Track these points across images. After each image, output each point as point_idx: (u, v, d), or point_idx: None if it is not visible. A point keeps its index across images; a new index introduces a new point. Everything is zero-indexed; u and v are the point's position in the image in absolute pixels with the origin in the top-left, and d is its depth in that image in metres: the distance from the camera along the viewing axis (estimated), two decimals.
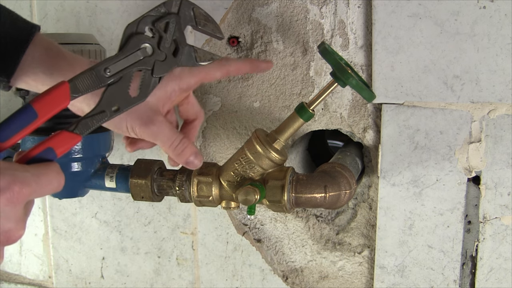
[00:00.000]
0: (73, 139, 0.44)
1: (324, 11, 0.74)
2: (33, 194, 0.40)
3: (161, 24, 0.48)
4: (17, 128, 0.41)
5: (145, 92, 0.48)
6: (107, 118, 0.46)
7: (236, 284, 0.91)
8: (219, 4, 0.79)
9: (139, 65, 0.47)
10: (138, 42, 0.47)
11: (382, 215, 0.76)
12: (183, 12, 0.49)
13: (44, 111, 0.42)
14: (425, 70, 0.69)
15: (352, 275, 0.83)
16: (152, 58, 0.48)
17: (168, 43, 0.48)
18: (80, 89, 0.44)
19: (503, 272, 0.73)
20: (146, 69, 0.48)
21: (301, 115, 0.59)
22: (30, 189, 0.39)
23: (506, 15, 0.65)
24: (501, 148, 0.69)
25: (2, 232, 0.38)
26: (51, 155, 0.43)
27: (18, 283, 1.09)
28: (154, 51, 0.48)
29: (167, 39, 0.48)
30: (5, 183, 0.38)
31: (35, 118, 0.42)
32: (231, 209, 0.65)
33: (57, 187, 0.43)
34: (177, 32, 0.49)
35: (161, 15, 0.48)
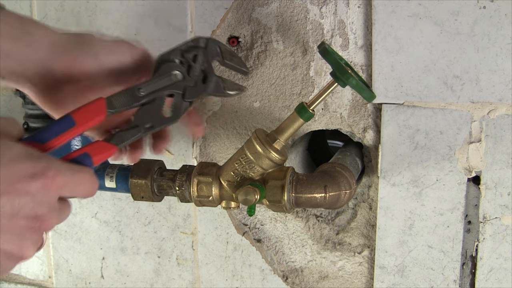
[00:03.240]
0: (109, 149, 0.47)
1: (324, 11, 0.74)
2: (67, 187, 0.40)
3: (190, 55, 0.52)
4: (56, 132, 0.44)
5: (177, 114, 0.51)
6: (140, 134, 0.49)
7: (236, 284, 0.91)
8: (219, 4, 0.79)
9: (171, 89, 0.51)
10: (169, 69, 0.51)
11: (382, 215, 0.76)
12: (210, 47, 0.53)
13: (81, 120, 0.45)
14: (425, 70, 0.69)
15: (352, 275, 0.83)
16: (182, 83, 0.51)
17: (197, 72, 0.52)
18: (115, 105, 0.48)
19: (503, 272, 0.73)
20: (177, 93, 0.51)
21: (301, 115, 0.59)
22: (64, 179, 0.40)
23: (506, 15, 0.65)
24: (501, 148, 0.69)
25: (35, 217, 0.38)
26: (88, 161, 0.45)
27: (18, 283, 1.09)
28: (184, 77, 0.51)
29: (196, 68, 0.52)
30: (40, 169, 0.38)
31: (73, 125, 0.45)
32: (231, 209, 0.65)
33: (90, 190, 0.43)
34: (205, 63, 0.53)
35: (190, 48, 0.52)
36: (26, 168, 0.37)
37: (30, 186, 0.37)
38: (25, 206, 0.37)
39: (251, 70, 0.80)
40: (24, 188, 0.37)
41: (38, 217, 0.38)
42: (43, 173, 0.38)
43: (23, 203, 0.37)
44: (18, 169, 0.37)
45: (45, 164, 0.39)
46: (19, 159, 0.38)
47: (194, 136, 0.55)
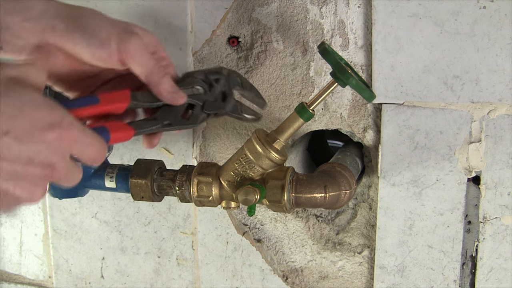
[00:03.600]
0: (127, 130, 0.48)
1: (324, 11, 0.74)
2: (77, 143, 0.41)
3: (213, 77, 0.56)
4: (78, 103, 0.46)
5: (195, 120, 0.54)
6: (158, 127, 0.51)
7: (236, 284, 0.91)
8: (219, 4, 0.79)
9: (192, 98, 0.54)
10: (192, 82, 0.54)
11: (382, 215, 0.76)
12: (232, 77, 0.58)
13: (105, 101, 0.47)
14: (425, 70, 0.69)
15: (352, 275, 0.83)
16: (203, 97, 0.55)
17: (217, 91, 0.56)
18: (138, 99, 0.50)
19: (503, 272, 0.73)
20: (197, 104, 0.54)
21: (301, 115, 0.59)
22: (77, 135, 0.40)
23: (506, 15, 0.65)
24: (501, 148, 0.69)
25: (49, 165, 0.39)
26: (105, 135, 0.46)
27: (18, 283, 1.09)
28: (205, 92, 0.55)
29: (217, 88, 0.56)
30: (57, 119, 0.39)
31: (96, 102, 0.46)
32: (231, 209, 0.65)
33: (97, 154, 0.43)
34: (226, 86, 0.57)
35: (213, 73, 0.56)
36: (44, 117, 0.38)
37: (47, 134, 0.38)
38: (41, 154, 0.38)
39: (251, 70, 0.80)
40: (42, 136, 0.38)
41: (52, 165, 0.39)
42: (60, 124, 0.39)
43: (39, 151, 0.38)
44: (38, 117, 0.38)
45: (62, 115, 0.39)
46: (39, 107, 0.38)
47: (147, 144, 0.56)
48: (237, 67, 0.80)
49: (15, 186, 0.38)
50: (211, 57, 0.81)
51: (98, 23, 0.49)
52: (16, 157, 0.37)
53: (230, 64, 0.81)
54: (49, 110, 0.39)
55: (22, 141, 0.37)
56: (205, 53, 0.81)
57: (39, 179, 0.39)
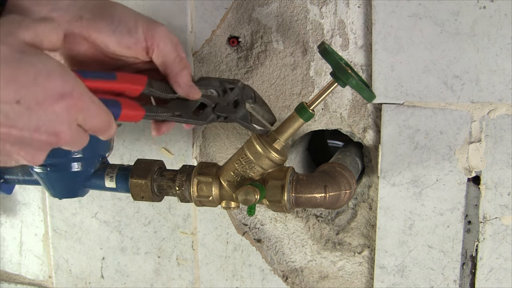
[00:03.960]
0: (138, 110, 0.48)
1: (324, 11, 0.74)
2: (85, 112, 0.41)
3: (228, 85, 0.58)
4: (96, 75, 0.45)
5: (205, 118, 0.55)
6: (168, 115, 0.52)
7: (236, 284, 0.91)
8: (219, 4, 0.79)
9: (205, 98, 0.55)
10: (208, 84, 0.56)
11: (382, 215, 0.76)
12: (246, 90, 0.59)
13: (122, 79, 0.47)
14: (425, 70, 0.69)
15: (352, 275, 0.83)
16: (216, 99, 0.56)
17: (230, 98, 0.57)
18: (154, 87, 0.50)
19: (503, 272, 0.73)
20: (209, 104, 0.55)
21: (301, 115, 0.59)
22: (85, 105, 0.41)
23: (506, 15, 0.65)
24: (501, 148, 0.69)
25: (55, 133, 0.40)
26: (115, 110, 0.46)
27: (18, 283, 1.09)
28: (219, 96, 0.56)
29: (230, 95, 0.57)
30: (69, 88, 0.39)
31: (113, 79, 0.46)
32: (231, 209, 0.65)
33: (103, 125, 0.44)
34: (239, 96, 0.58)
35: (229, 83, 0.58)
36: (57, 87, 0.38)
37: (57, 104, 0.38)
38: (48, 123, 0.39)
39: (251, 70, 0.80)
40: (52, 105, 0.38)
41: (57, 133, 0.40)
42: (71, 94, 0.39)
43: (47, 120, 0.38)
44: (50, 87, 0.38)
45: (74, 84, 0.40)
46: (52, 76, 0.38)
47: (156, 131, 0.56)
48: (237, 67, 0.80)
49: (20, 149, 0.39)
50: (211, 57, 0.81)
51: (126, 13, 0.49)
52: (24, 125, 0.38)
53: (230, 64, 0.81)
54: (62, 80, 0.39)
55: (32, 110, 0.37)
56: (205, 53, 0.81)
57: (43, 145, 0.40)
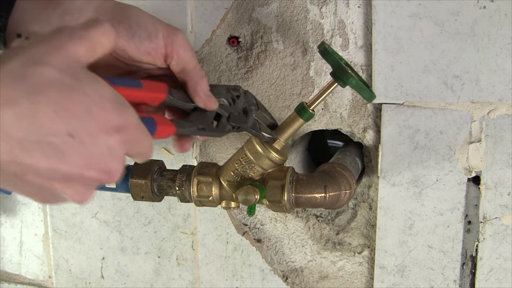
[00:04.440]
0: (171, 126, 0.47)
1: (324, 11, 0.74)
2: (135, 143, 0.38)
3: (234, 93, 0.57)
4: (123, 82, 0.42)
5: (222, 129, 0.54)
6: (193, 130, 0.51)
7: (236, 284, 0.91)
8: (219, 4, 0.79)
9: (220, 108, 0.54)
10: (219, 93, 0.54)
11: (382, 215, 0.76)
12: (248, 96, 0.58)
13: (147, 87, 0.45)
14: (425, 70, 0.69)
15: (352, 275, 0.83)
16: (228, 109, 0.55)
17: (239, 107, 0.57)
18: (173, 95, 0.48)
19: (503, 272, 0.73)
20: (224, 114, 0.54)
21: (301, 115, 0.59)
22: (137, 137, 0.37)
23: (506, 15, 0.65)
24: (501, 148, 0.69)
25: (107, 171, 0.36)
26: (151, 128, 0.43)
27: (18, 283, 1.09)
28: (230, 105, 0.55)
29: (238, 104, 0.57)
30: (124, 121, 0.35)
31: (139, 87, 0.44)
32: (231, 209, 0.65)
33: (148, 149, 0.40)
34: (246, 104, 0.58)
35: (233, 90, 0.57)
36: (111, 119, 0.34)
37: (111, 138, 0.35)
38: (101, 160, 0.35)
39: (251, 70, 0.80)
40: (106, 140, 0.34)
41: (109, 170, 0.36)
42: (126, 128, 0.35)
43: (100, 156, 0.34)
44: (104, 118, 0.34)
45: (129, 117, 0.36)
46: (108, 107, 0.34)
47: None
48: (237, 67, 0.80)
49: (67, 188, 0.35)
50: (211, 57, 0.81)
51: (144, 17, 0.47)
52: (75, 161, 0.33)
53: (230, 64, 0.81)
54: (117, 111, 0.35)
55: (85, 144, 0.33)
56: (205, 53, 0.81)
57: (93, 183, 0.36)
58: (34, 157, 0.31)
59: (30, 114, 0.30)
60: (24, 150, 0.31)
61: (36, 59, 0.32)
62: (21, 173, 0.32)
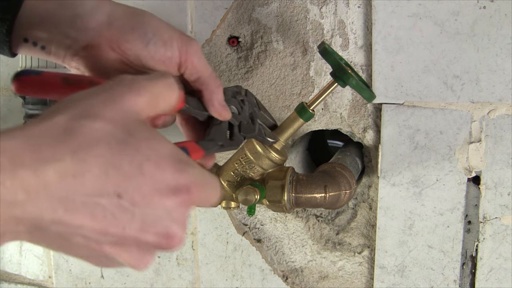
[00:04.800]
0: (200, 151, 0.45)
1: (324, 11, 0.74)
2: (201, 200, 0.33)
3: (239, 98, 0.55)
4: None
5: (237, 142, 0.53)
6: (216, 149, 0.49)
7: (236, 284, 0.91)
8: (219, 4, 0.79)
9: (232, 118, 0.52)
10: (228, 101, 0.53)
11: (382, 215, 0.76)
12: (248, 96, 0.57)
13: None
14: (425, 70, 0.69)
15: (352, 275, 0.83)
16: (238, 117, 0.54)
17: (247, 113, 0.55)
18: (190, 104, 0.46)
19: (503, 272, 0.73)
20: (235, 124, 0.53)
21: (301, 115, 0.59)
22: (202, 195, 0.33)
23: (506, 15, 0.65)
24: (501, 148, 0.69)
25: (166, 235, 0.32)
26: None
27: (18, 283, 1.09)
28: (239, 113, 0.54)
29: (245, 110, 0.55)
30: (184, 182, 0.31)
31: None
32: (231, 209, 0.65)
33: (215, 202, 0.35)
34: (251, 108, 0.56)
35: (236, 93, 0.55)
36: (167, 179, 0.31)
37: (169, 201, 0.31)
38: (158, 223, 0.31)
39: (251, 70, 0.80)
40: (162, 202, 0.31)
41: (167, 234, 0.32)
42: (187, 189, 0.31)
43: (156, 217, 0.31)
44: (161, 178, 0.30)
45: (191, 178, 0.32)
46: (164, 165, 0.31)
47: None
48: (237, 67, 0.80)
49: (122, 252, 0.31)
50: (211, 57, 0.81)
51: (159, 24, 0.45)
52: (126, 224, 0.30)
53: (230, 64, 0.81)
54: (175, 170, 0.31)
55: (137, 205, 0.30)
56: (205, 53, 0.81)
57: (151, 247, 0.32)
58: (79, 218, 0.29)
59: (75, 172, 0.28)
60: (69, 210, 0.29)
61: (88, 111, 0.29)
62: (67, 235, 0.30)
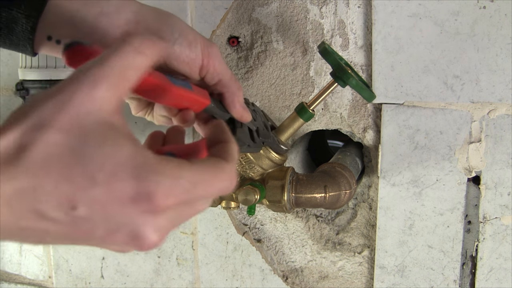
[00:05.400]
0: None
1: (324, 11, 0.74)
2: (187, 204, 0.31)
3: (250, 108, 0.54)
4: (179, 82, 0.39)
5: (259, 144, 0.53)
6: (244, 149, 0.50)
7: (236, 284, 0.91)
8: (219, 4, 0.79)
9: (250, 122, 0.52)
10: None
11: (382, 215, 0.76)
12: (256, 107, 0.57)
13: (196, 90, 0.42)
14: (425, 70, 0.69)
15: (352, 275, 0.83)
16: (255, 123, 0.53)
17: (260, 120, 0.55)
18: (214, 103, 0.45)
19: (503, 272, 0.73)
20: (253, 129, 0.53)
21: (301, 115, 0.59)
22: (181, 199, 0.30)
23: (506, 15, 0.65)
24: (501, 148, 0.69)
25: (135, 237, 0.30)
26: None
27: (18, 283, 1.09)
28: (255, 119, 0.54)
29: (258, 118, 0.55)
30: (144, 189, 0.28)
31: (190, 89, 0.41)
32: (231, 209, 0.65)
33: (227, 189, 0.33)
34: (262, 117, 0.56)
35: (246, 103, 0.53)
36: (127, 187, 0.28)
37: (129, 209, 0.28)
38: (124, 228, 0.29)
39: (251, 70, 0.80)
40: (123, 211, 0.28)
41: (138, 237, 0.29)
42: (148, 197, 0.28)
43: (121, 224, 0.29)
44: (118, 187, 0.28)
45: (153, 185, 0.28)
46: (121, 173, 0.28)
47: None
48: (237, 67, 0.80)
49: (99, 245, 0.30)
50: None
51: (183, 25, 0.44)
52: (90, 231, 0.28)
53: (230, 64, 0.81)
54: (133, 178, 0.28)
55: (96, 214, 0.28)
56: None
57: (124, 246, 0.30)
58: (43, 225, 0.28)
59: (28, 188, 0.27)
60: (31, 220, 0.28)
61: (40, 121, 0.27)
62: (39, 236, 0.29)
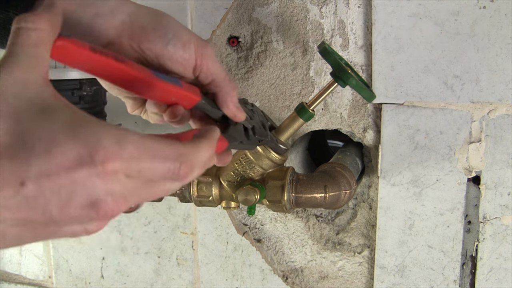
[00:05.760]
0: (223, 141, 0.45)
1: (324, 11, 0.74)
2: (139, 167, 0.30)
3: (248, 107, 0.55)
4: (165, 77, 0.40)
5: (254, 141, 0.53)
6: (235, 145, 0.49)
7: (236, 284, 0.91)
8: (219, 4, 0.79)
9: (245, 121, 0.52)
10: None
11: (382, 215, 0.76)
12: (255, 108, 0.57)
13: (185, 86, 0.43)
14: (425, 70, 0.69)
15: (352, 275, 0.83)
16: (251, 122, 0.53)
17: (258, 120, 0.55)
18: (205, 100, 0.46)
19: (503, 272, 0.73)
20: (249, 127, 0.52)
21: (301, 115, 0.59)
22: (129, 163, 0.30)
23: (506, 15, 0.65)
24: (501, 148, 0.69)
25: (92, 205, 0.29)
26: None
27: (18, 283, 1.09)
28: (251, 118, 0.53)
29: (255, 117, 0.55)
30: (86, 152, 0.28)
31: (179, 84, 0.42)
32: (231, 209, 0.65)
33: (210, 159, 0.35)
34: (260, 116, 0.56)
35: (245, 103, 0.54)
36: (67, 153, 0.28)
37: (77, 174, 0.28)
38: (76, 197, 0.28)
39: (251, 70, 0.80)
40: (70, 177, 0.28)
41: (94, 205, 0.29)
42: (91, 158, 0.28)
43: (72, 193, 0.28)
44: (59, 153, 0.27)
45: (93, 144, 0.28)
46: (60, 137, 0.28)
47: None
48: (237, 67, 0.80)
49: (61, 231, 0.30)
50: None
51: (178, 26, 0.45)
52: (44, 207, 0.28)
53: (230, 64, 0.81)
54: (74, 142, 0.28)
55: (45, 187, 0.28)
56: None
57: (85, 219, 0.30)
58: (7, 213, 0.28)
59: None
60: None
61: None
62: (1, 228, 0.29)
